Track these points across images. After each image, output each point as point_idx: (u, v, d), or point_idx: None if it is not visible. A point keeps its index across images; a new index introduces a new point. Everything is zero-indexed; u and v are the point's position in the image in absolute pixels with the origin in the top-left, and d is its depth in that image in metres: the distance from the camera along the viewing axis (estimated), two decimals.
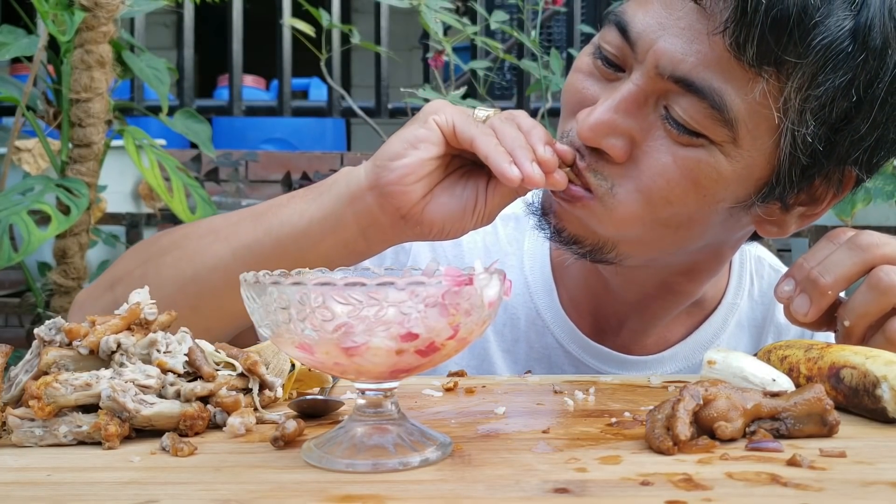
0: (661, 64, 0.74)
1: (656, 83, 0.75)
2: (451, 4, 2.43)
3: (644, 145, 0.77)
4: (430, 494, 0.47)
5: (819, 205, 0.82)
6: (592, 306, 0.96)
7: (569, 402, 0.68)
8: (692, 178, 0.76)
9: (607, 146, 0.76)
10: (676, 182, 0.76)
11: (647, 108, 0.76)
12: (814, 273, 0.74)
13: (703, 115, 0.73)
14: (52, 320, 0.63)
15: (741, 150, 0.75)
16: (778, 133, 0.74)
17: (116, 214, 2.47)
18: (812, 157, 0.75)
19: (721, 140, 0.74)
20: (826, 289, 0.73)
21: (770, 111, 0.72)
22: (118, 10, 1.89)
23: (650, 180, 0.76)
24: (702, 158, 0.75)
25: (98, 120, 1.90)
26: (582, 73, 0.83)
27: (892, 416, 0.60)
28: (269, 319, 0.51)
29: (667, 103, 0.75)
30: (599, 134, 0.76)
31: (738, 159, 0.75)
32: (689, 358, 0.96)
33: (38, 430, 0.57)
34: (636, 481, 0.48)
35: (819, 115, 0.73)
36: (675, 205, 0.77)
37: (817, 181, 0.79)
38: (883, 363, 0.61)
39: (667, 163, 0.76)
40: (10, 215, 1.72)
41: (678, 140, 0.75)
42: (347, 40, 2.92)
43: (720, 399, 0.56)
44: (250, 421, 0.60)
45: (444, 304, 0.49)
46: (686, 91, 0.73)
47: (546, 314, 0.97)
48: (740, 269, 1.00)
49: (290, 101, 3.43)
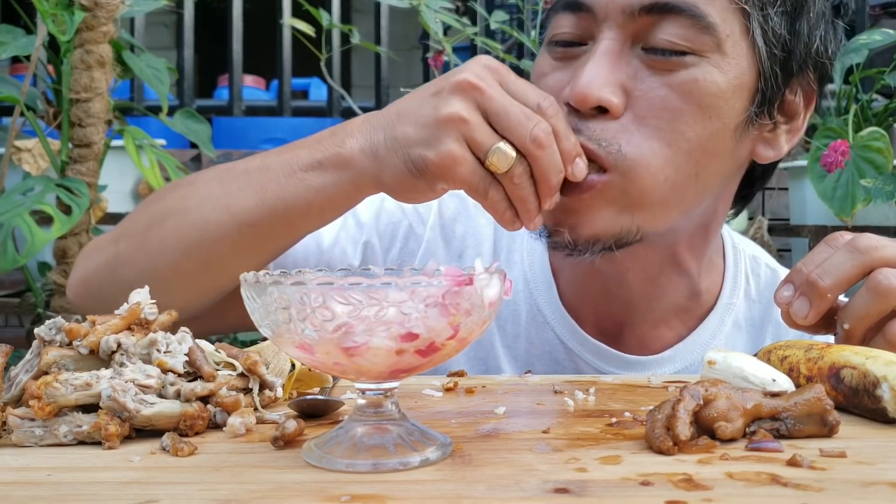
0: (628, 3, 0.77)
1: (627, 26, 0.78)
2: (451, 4, 2.43)
3: (636, 91, 0.78)
4: (431, 494, 0.47)
5: (797, 119, 0.88)
6: (592, 302, 0.96)
7: (569, 402, 0.68)
8: (695, 100, 0.78)
9: (605, 99, 0.77)
10: (682, 109, 0.78)
11: (627, 56, 0.79)
12: (813, 276, 0.73)
13: (686, 28, 0.77)
14: (52, 320, 0.63)
15: (727, 57, 0.79)
16: (750, 33, 0.79)
17: (116, 214, 2.47)
18: (784, 49, 0.82)
19: (708, 50, 0.78)
20: (825, 291, 0.73)
21: (736, 13, 0.78)
22: (118, 10, 1.89)
23: (656, 119, 0.78)
24: (697, 77, 0.78)
25: (98, 120, 1.90)
26: (545, 73, 0.84)
27: (892, 416, 0.60)
28: (270, 319, 0.51)
29: (644, 42, 0.78)
30: (594, 89, 0.76)
31: (727, 69, 0.79)
32: (688, 358, 0.96)
33: (38, 430, 0.57)
34: (636, 481, 0.48)
35: (777, 4, 0.80)
36: (686, 135, 0.78)
37: (788, 94, 0.86)
38: (883, 363, 0.61)
39: (665, 94, 0.78)
40: (13, 217, 1.71)
41: (668, 68, 0.78)
42: (347, 40, 2.92)
43: (720, 399, 0.56)
44: (250, 421, 0.60)
45: (444, 304, 0.49)
46: (661, 15, 0.77)
47: (546, 310, 0.96)
48: (735, 268, 1.00)
49: (290, 101, 3.43)
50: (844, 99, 2.16)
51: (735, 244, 1.02)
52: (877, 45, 2.02)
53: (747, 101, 0.81)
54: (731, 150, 0.83)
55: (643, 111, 0.78)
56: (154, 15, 2.95)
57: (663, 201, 0.80)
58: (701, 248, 0.93)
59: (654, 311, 0.94)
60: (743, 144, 0.84)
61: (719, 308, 0.98)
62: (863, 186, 1.94)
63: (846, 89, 2.14)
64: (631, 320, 0.95)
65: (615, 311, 0.95)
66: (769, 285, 1.01)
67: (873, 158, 1.95)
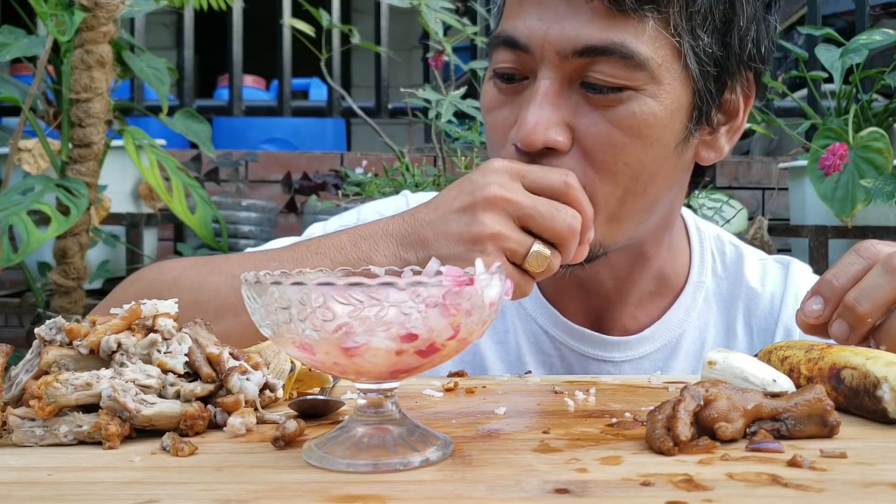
0: (561, 47, 0.80)
1: (564, 66, 0.81)
2: (451, 4, 2.43)
3: (579, 126, 0.81)
4: (431, 494, 0.47)
5: (737, 117, 0.91)
6: (572, 296, 0.99)
7: (569, 403, 0.68)
8: (635, 131, 0.81)
9: (552, 140, 0.80)
10: (623, 142, 0.81)
11: (567, 93, 0.82)
12: (851, 300, 0.72)
13: (618, 68, 0.79)
14: (53, 320, 0.63)
15: (662, 85, 0.82)
16: (682, 57, 0.82)
17: (116, 214, 2.47)
18: (717, 65, 0.84)
19: (642, 84, 0.80)
20: (865, 317, 0.72)
21: (667, 40, 0.81)
22: (118, 10, 1.89)
23: (601, 154, 0.81)
24: (635, 111, 0.81)
25: (98, 120, 1.90)
26: (493, 108, 0.87)
27: (892, 416, 0.60)
28: (270, 319, 0.51)
29: (582, 79, 0.81)
30: (540, 131, 0.80)
31: (663, 97, 0.82)
32: (666, 335, 1.00)
33: (38, 430, 0.57)
34: (637, 482, 0.48)
35: (706, 26, 0.82)
36: (631, 164, 0.82)
37: (727, 94, 0.88)
38: (883, 364, 0.61)
39: (607, 129, 0.81)
40: (10, 216, 1.72)
41: (606, 104, 0.80)
42: (347, 40, 2.92)
43: (721, 400, 0.56)
44: (251, 421, 0.60)
45: (445, 304, 0.49)
46: (594, 58, 0.79)
47: (527, 303, 1.01)
48: (700, 248, 1.04)
49: (290, 101, 3.43)
50: (844, 99, 2.16)
51: (698, 226, 1.06)
52: (877, 45, 2.02)
53: (685, 119, 0.85)
54: (674, 165, 0.87)
55: (589, 147, 0.81)
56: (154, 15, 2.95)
57: (617, 218, 0.85)
58: (664, 239, 0.98)
59: (629, 300, 0.99)
60: (686, 155, 0.88)
61: (690, 286, 1.02)
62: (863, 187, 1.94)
63: (846, 89, 2.14)
64: (609, 309, 0.99)
65: (593, 304, 0.99)
66: (735, 261, 1.05)
67: (873, 158, 1.95)
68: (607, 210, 0.83)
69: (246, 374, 0.63)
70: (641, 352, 0.99)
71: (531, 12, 0.82)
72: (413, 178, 2.28)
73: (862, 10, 2.90)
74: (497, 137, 0.87)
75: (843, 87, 2.13)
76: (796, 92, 3.04)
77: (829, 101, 2.27)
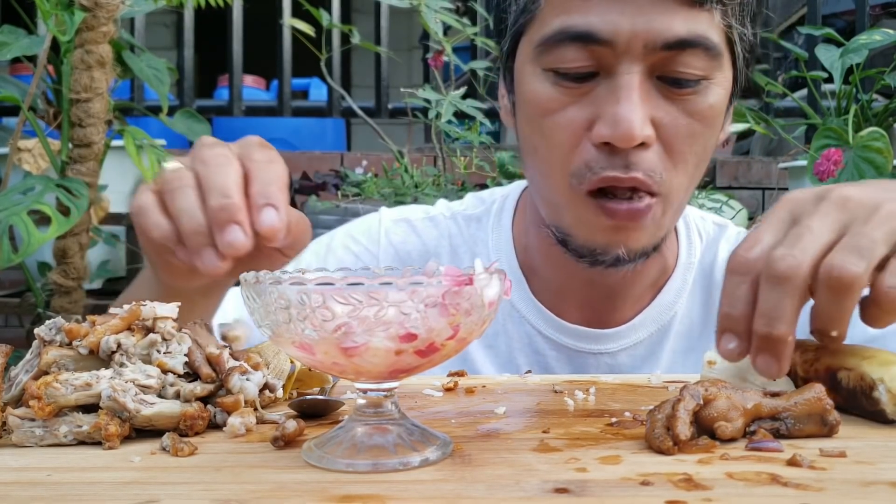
0: (650, 39, 0.80)
1: (647, 60, 0.81)
2: (451, 4, 2.43)
3: (661, 119, 0.83)
4: (431, 494, 0.47)
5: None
6: (575, 295, 1.00)
7: (569, 402, 0.68)
8: (710, 121, 0.85)
9: (647, 136, 0.81)
10: (701, 132, 0.84)
11: (647, 87, 0.82)
12: (761, 329, 0.61)
13: (701, 60, 0.81)
14: (52, 320, 0.63)
15: (723, 72, 0.85)
16: (731, 44, 0.85)
17: (116, 214, 2.47)
18: (751, 51, 0.88)
19: (714, 73, 0.83)
20: (785, 337, 0.60)
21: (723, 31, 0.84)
22: (118, 10, 1.89)
23: (681, 145, 0.84)
24: (710, 101, 0.84)
25: (98, 120, 1.90)
26: (555, 109, 0.85)
27: (891, 417, 0.60)
28: (269, 319, 0.51)
29: (660, 72, 0.82)
30: (637, 126, 0.80)
31: (722, 83, 0.85)
32: (658, 320, 1.00)
33: (38, 430, 0.57)
34: (636, 481, 0.48)
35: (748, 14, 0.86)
36: (699, 153, 0.85)
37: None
38: (878, 364, 0.61)
39: (687, 121, 0.83)
40: (10, 216, 1.71)
41: (683, 96, 0.83)
42: (347, 40, 2.92)
43: (720, 399, 0.56)
44: (250, 421, 0.60)
45: (444, 304, 0.49)
46: (680, 50, 0.81)
47: (520, 305, 1.01)
48: (687, 230, 1.05)
49: (290, 101, 3.43)
50: (844, 99, 2.16)
51: None
52: (877, 45, 2.02)
53: (728, 101, 0.89)
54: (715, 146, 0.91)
55: (669, 138, 0.83)
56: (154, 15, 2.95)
57: (681, 207, 0.90)
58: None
59: (634, 291, 0.99)
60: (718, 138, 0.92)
61: (680, 269, 1.03)
62: None
63: (846, 89, 2.14)
64: (612, 304, 0.99)
65: (596, 299, 0.99)
66: (715, 239, 1.06)
67: (873, 158, 1.95)
68: (678, 200, 0.86)
69: (246, 374, 0.63)
70: (635, 338, 1.00)
71: (608, 6, 0.81)
72: (412, 178, 2.28)
73: (862, 10, 2.90)
74: (565, 138, 0.85)
75: (843, 87, 2.13)
76: (796, 92, 3.04)
77: (829, 101, 2.27)
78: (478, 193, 1.14)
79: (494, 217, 1.07)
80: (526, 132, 0.90)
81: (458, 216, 1.09)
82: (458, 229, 1.08)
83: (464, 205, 1.12)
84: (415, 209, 1.13)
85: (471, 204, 1.11)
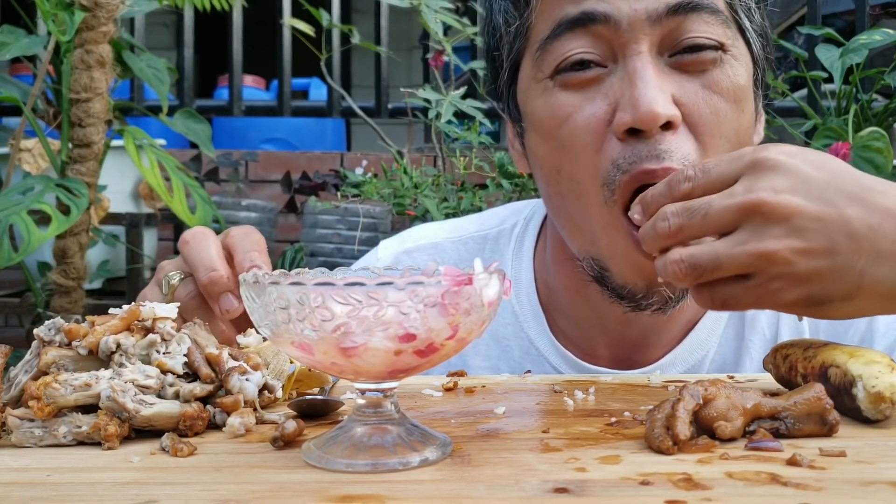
0: (652, 8, 0.77)
1: (654, 34, 0.78)
2: (451, 4, 2.43)
3: (683, 97, 0.78)
4: (430, 494, 0.47)
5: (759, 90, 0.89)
6: (606, 334, 0.92)
7: (569, 402, 0.68)
8: (731, 95, 0.79)
9: (672, 115, 0.76)
10: (725, 109, 0.79)
11: (660, 65, 0.78)
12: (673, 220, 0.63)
13: (709, 24, 0.78)
14: (52, 320, 0.63)
15: (738, 42, 0.81)
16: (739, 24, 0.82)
17: (116, 214, 2.47)
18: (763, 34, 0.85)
19: (728, 41, 0.80)
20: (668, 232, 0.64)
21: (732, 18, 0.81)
22: (118, 10, 1.89)
23: (706, 125, 0.78)
24: (728, 73, 0.79)
25: (98, 120, 1.90)
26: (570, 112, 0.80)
27: (866, 416, 0.59)
28: (269, 319, 0.51)
29: (670, 49, 0.78)
30: (660, 106, 0.75)
31: (740, 57, 0.81)
32: (689, 359, 0.92)
33: (37, 431, 0.57)
34: (636, 481, 0.48)
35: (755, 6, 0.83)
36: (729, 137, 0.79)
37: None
38: (863, 363, 0.60)
39: (708, 96, 0.78)
40: (10, 215, 1.72)
41: (700, 68, 0.79)
42: (347, 40, 2.92)
43: (720, 399, 0.56)
44: (250, 421, 0.60)
45: (443, 303, 0.49)
46: (685, 15, 0.78)
47: (539, 342, 0.95)
48: None
49: (290, 101, 3.43)
50: (844, 99, 2.15)
51: None
52: (877, 45, 2.02)
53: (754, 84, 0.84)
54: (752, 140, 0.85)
55: (694, 118, 0.78)
56: (154, 15, 2.95)
57: None
58: None
59: (671, 329, 0.91)
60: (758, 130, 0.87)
61: None
62: None
63: (846, 89, 2.14)
64: (645, 343, 0.91)
65: (629, 340, 0.91)
66: None
67: (873, 158, 1.95)
68: None
69: (245, 374, 0.63)
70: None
71: None
72: (411, 178, 2.28)
73: (862, 10, 2.90)
74: (588, 140, 0.79)
75: (843, 87, 2.13)
76: (796, 92, 3.04)
77: (829, 101, 2.27)
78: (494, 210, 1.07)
79: (516, 241, 1.00)
80: (543, 156, 0.84)
81: (468, 241, 1.03)
82: (468, 254, 1.02)
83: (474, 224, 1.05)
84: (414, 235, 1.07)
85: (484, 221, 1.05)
